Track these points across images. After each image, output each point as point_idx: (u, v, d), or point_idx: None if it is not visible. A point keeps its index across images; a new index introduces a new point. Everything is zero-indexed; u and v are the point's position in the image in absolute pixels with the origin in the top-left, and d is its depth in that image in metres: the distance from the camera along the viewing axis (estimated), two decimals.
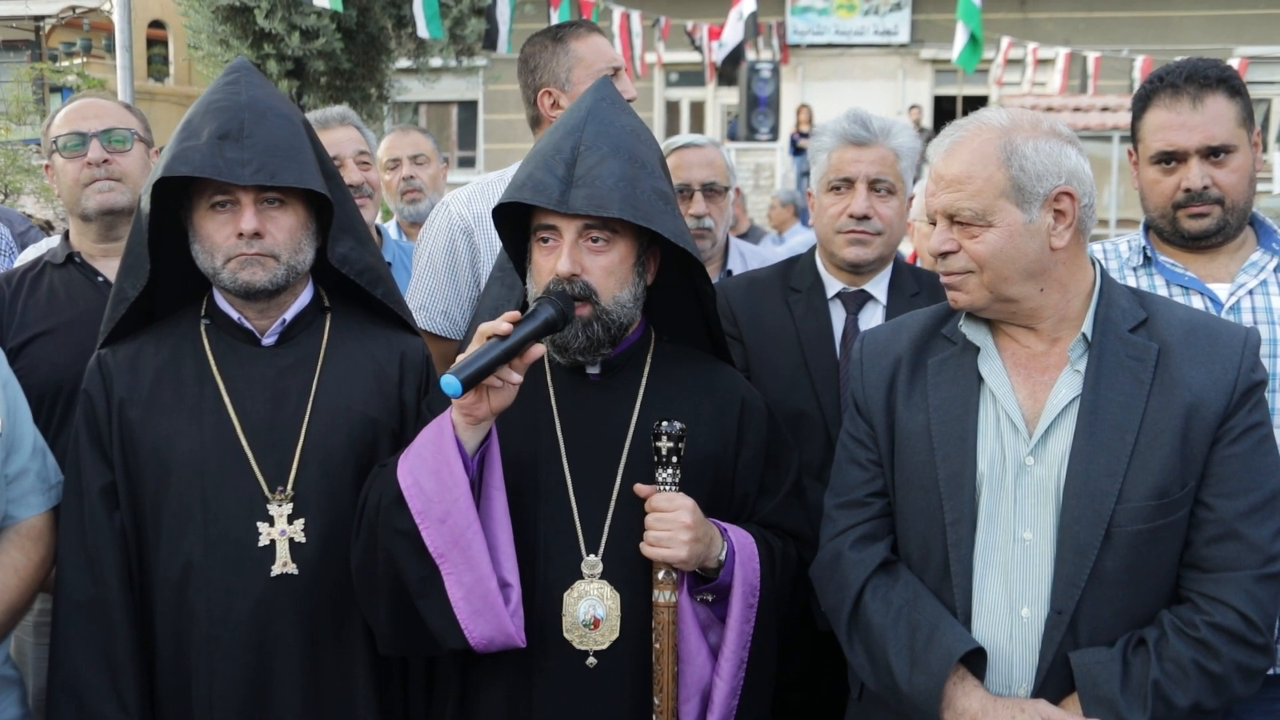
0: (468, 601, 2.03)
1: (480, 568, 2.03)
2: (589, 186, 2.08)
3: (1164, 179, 2.53)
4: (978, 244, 1.97)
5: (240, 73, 2.31)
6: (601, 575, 2.14)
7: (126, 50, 8.30)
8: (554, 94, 3.00)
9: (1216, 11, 20.33)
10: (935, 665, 1.94)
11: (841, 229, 2.75)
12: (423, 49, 13.34)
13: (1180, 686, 1.88)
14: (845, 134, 2.77)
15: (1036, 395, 2.02)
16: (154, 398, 2.28)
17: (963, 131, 2.02)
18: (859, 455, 2.17)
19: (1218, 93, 2.48)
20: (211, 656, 2.20)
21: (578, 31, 3.02)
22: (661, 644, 2.10)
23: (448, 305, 2.97)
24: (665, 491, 2.11)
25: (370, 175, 3.72)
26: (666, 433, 2.10)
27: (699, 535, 2.08)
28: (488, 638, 2.05)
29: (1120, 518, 1.91)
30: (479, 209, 2.97)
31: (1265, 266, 2.54)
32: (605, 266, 2.14)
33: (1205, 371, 1.96)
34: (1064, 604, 1.93)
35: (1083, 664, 1.92)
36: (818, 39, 21.51)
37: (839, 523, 2.14)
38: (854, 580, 2.07)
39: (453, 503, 2.02)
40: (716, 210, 3.55)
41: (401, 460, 2.09)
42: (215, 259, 2.24)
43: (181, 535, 2.22)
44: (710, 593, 2.18)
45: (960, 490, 2.00)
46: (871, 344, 2.21)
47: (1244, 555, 1.91)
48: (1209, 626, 1.89)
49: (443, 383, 1.93)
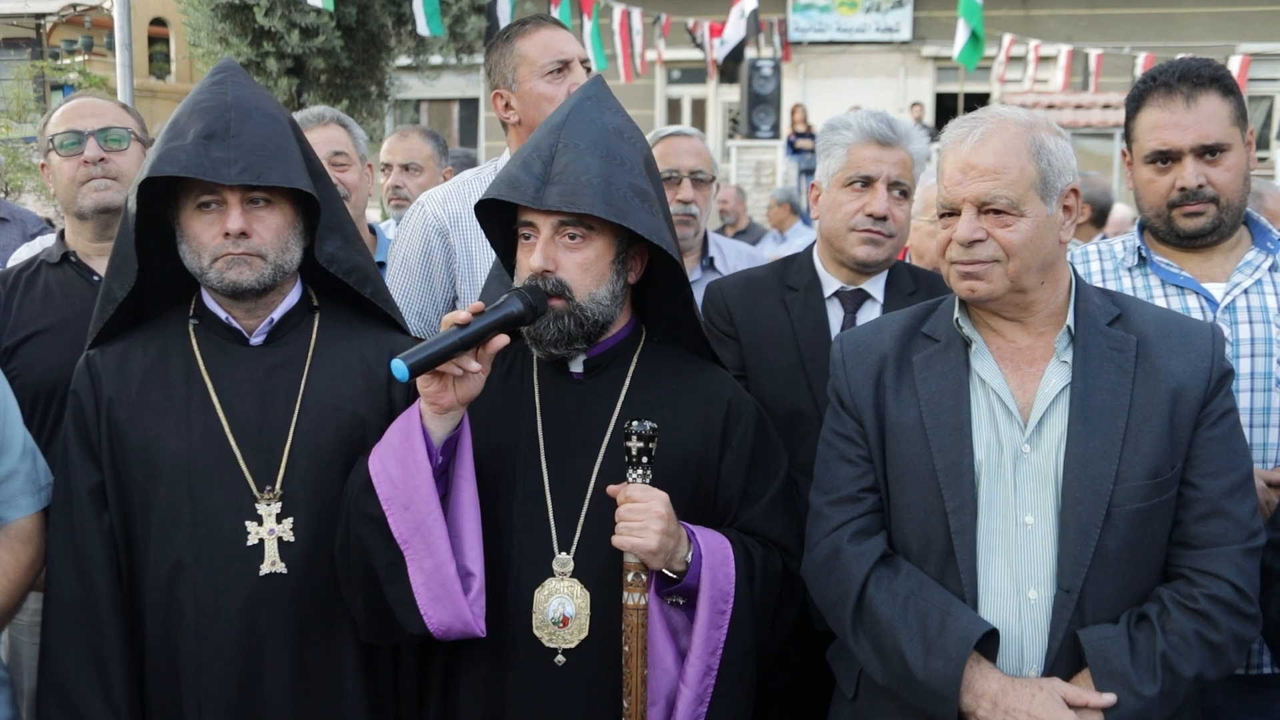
0: (427, 588, 2.07)
1: (439, 554, 2.06)
2: (563, 183, 2.09)
3: (1158, 178, 2.53)
4: (1011, 233, 2.01)
5: (227, 73, 2.31)
6: (572, 574, 2.15)
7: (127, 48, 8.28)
8: (504, 95, 2.99)
9: (1219, 9, 20.29)
10: (952, 650, 1.97)
11: (857, 227, 2.73)
12: (423, 46, 13.33)
13: (1185, 657, 1.95)
14: (871, 132, 2.74)
15: (1025, 386, 2.08)
16: (142, 398, 2.28)
17: (987, 124, 2.04)
18: (848, 452, 2.18)
19: (1211, 92, 2.48)
20: (200, 655, 2.20)
21: (525, 29, 2.98)
22: (630, 646, 2.09)
23: (422, 306, 2.95)
24: (639, 484, 2.10)
25: (346, 176, 3.61)
26: (637, 432, 2.08)
27: (669, 529, 2.07)
28: (445, 624, 2.08)
29: (1119, 497, 1.98)
30: (455, 209, 2.96)
31: (1260, 266, 2.53)
32: (580, 263, 2.14)
33: (1183, 360, 2.06)
34: (1071, 583, 1.98)
35: (1092, 640, 1.97)
36: (819, 36, 21.50)
37: (832, 519, 2.15)
38: (856, 574, 2.08)
39: (414, 489, 2.06)
40: (701, 198, 3.58)
41: (374, 449, 2.14)
42: (202, 259, 2.24)
43: (170, 535, 2.22)
44: (681, 595, 2.16)
45: (960, 479, 2.03)
46: (852, 344, 2.24)
47: (1231, 530, 2.01)
48: (1207, 599, 1.97)
49: (391, 366, 1.96)
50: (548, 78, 2.91)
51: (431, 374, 2.03)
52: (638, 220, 2.11)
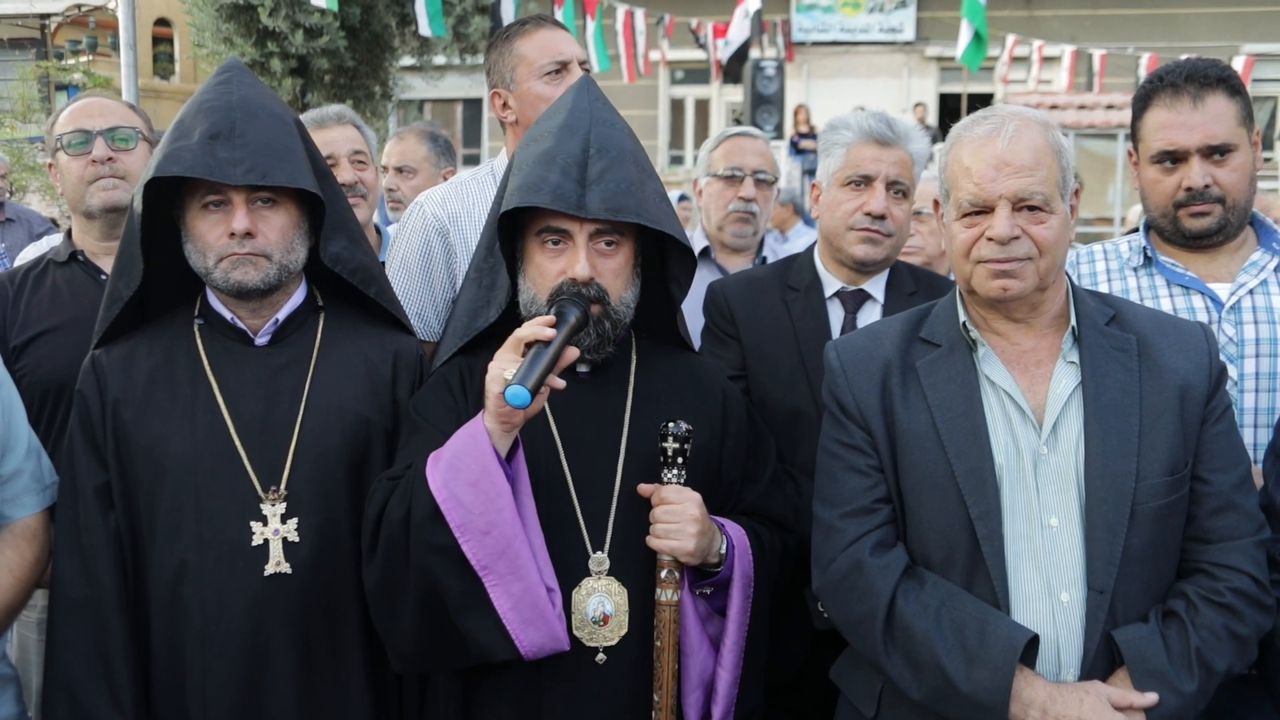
0: (517, 611, 2.01)
1: (528, 576, 2.01)
2: (603, 190, 2.11)
3: (1165, 178, 2.53)
4: (1045, 229, 2.00)
5: (231, 72, 2.31)
6: (609, 572, 2.15)
7: (131, 48, 8.27)
8: (502, 95, 2.98)
9: (1223, 9, 20.24)
10: (998, 659, 1.94)
11: (855, 225, 2.73)
12: (426, 47, 13.34)
13: (1217, 651, 1.97)
14: (870, 131, 2.75)
15: (1035, 388, 2.07)
16: (148, 398, 2.28)
17: (1013, 120, 2.03)
18: (856, 462, 2.12)
19: (1218, 92, 2.48)
20: (205, 655, 2.20)
21: (524, 29, 2.98)
22: (663, 641, 2.12)
23: (421, 307, 2.95)
24: (674, 485, 2.13)
25: (365, 175, 3.70)
26: (674, 433, 2.13)
27: (705, 529, 2.11)
28: (538, 645, 2.04)
29: (1141, 495, 1.98)
30: (454, 209, 2.95)
31: (1266, 266, 2.53)
32: (614, 269, 2.17)
33: (1185, 358, 2.08)
34: (1103, 583, 1.97)
35: (1128, 640, 1.97)
36: (823, 36, 21.46)
37: (848, 532, 2.09)
38: (883, 588, 2.03)
39: (496, 514, 2.00)
40: (763, 199, 3.65)
41: (431, 473, 2.03)
42: (208, 258, 2.25)
43: (175, 535, 2.23)
44: (709, 586, 2.20)
45: (982, 484, 2.01)
46: (851, 352, 2.19)
47: (1243, 523, 2.03)
48: (1232, 592, 1.99)
49: (510, 395, 1.92)
50: (545, 78, 2.90)
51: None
52: (671, 225, 2.18)
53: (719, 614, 2.21)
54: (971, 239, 2.02)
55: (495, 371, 2.01)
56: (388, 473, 2.18)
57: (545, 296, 2.16)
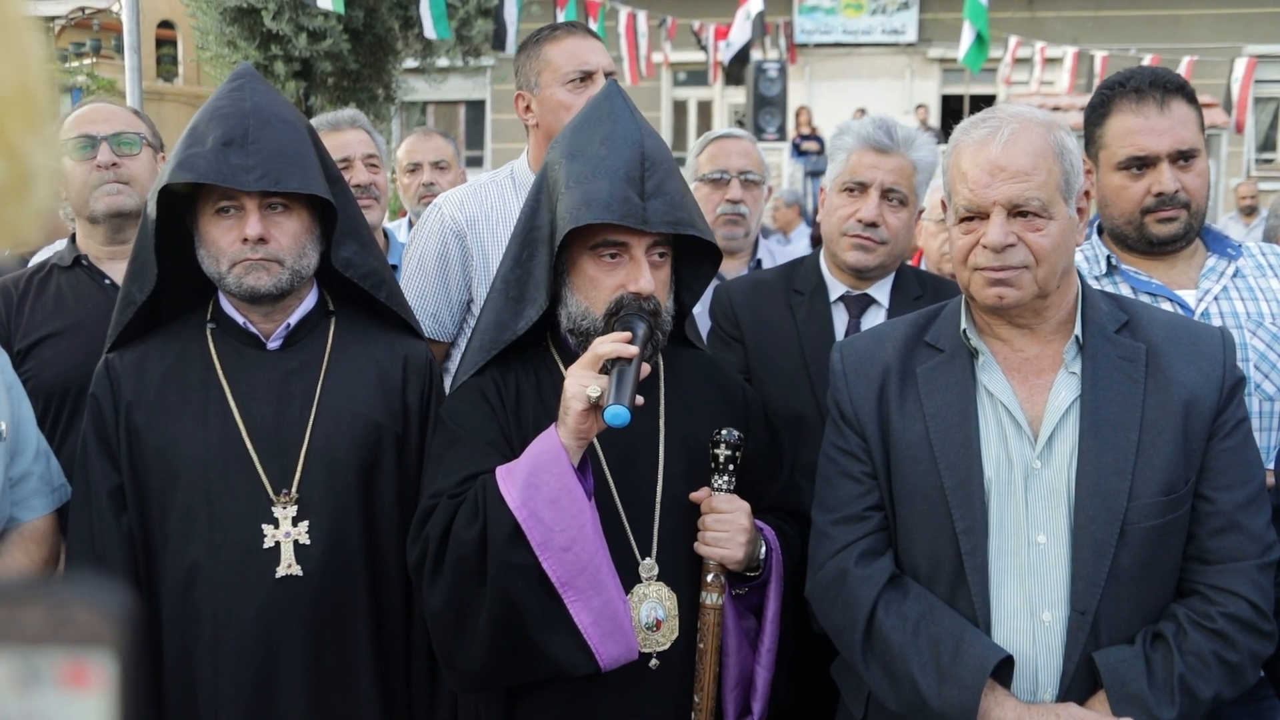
0: (598, 626, 2.01)
1: (608, 590, 2.01)
2: (662, 203, 2.10)
3: (1132, 184, 2.48)
4: (1042, 237, 1.93)
5: (245, 79, 2.32)
6: (658, 577, 2.16)
7: (135, 51, 8.28)
8: (525, 98, 2.99)
9: (1224, 10, 20.23)
10: (968, 678, 1.90)
11: (848, 231, 2.74)
12: (430, 49, 13.37)
13: (1203, 679, 1.90)
14: (868, 138, 2.74)
15: (1034, 399, 2.01)
16: (160, 401, 2.30)
17: (1011, 123, 1.96)
18: (851, 469, 2.10)
19: (1180, 98, 2.46)
20: (217, 658, 2.21)
21: (555, 34, 2.97)
22: (705, 644, 2.14)
23: (437, 308, 2.95)
24: (724, 493, 2.15)
25: (378, 178, 3.73)
26: (725, 440, 2.14)
27: (752, 537, 2.13)
28: (615, 657, 2.03)
29: (1132, 515, 1.92)
30: (472, 212, 2.95)
31: (1224, 272, 2.52)
32: (663, 280, 2.18)
33: (1195, 369, 1.99)
34: (1086, 604, 1.92)
35: (1108, 663, 1.91)
36: (825, 38, 21.45)
37: (837, 539, 2.07)
38: (864, 598, 2.01)
39: (578, 530, 1.98)
40: (751, 200, 3.58)
41: (507, 491, 2.00)
42: (220, 264, 2.26)
43: (187, 538, 2.24)
44: (745, 587, 2.22)
45: (969, 498, 1.96)
46: (853, 354, 2.17)
47: (1246, 545, 1.94)
48: (1224, 617, 1.91)
49: (611, 416, 1.90)
50: (569, 86, 2.90)
51: (589, 408, 1.98)
52: (712, 234, 2.21)
53: (751, 612, 2.24)
54: (969, 245, 1.97)
55: (577, 389, 1.97)
56: (439, 488, 2.11)
57: (601, 310, 2.11)
